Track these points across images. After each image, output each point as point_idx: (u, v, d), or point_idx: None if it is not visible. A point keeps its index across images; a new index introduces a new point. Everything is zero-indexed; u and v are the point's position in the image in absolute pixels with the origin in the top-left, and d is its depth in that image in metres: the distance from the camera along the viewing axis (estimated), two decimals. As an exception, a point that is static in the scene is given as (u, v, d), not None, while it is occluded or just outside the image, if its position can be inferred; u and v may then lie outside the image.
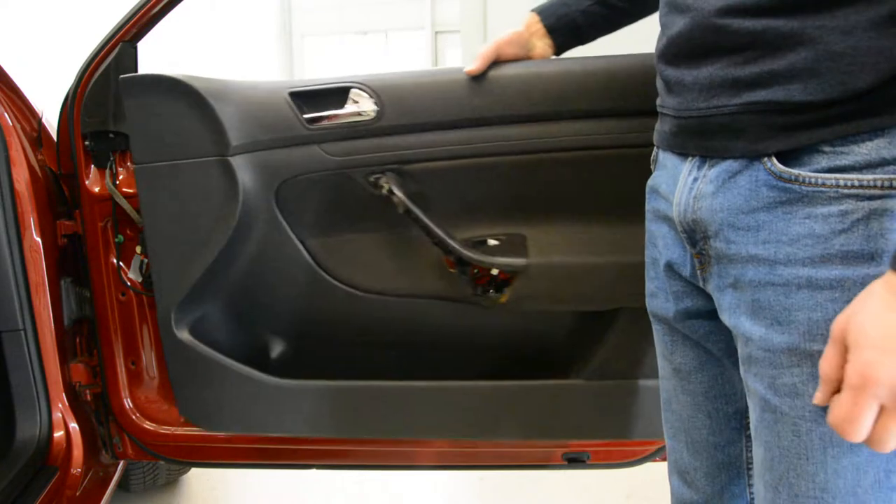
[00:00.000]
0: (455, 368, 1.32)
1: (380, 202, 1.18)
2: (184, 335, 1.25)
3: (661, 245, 0.83)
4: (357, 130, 1.17)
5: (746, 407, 0.85)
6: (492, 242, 1.23)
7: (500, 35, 1.18)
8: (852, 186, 0.62)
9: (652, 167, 0.87)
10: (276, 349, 1.37)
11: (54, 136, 1.35)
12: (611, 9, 1.10)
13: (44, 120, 1.41)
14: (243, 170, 1.18)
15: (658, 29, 0.79)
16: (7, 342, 1.32)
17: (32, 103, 1.41)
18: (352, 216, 1.25)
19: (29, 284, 1.31)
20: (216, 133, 1.15)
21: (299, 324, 1.34)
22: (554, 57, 1.18)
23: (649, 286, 0.90)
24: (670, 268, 0.82)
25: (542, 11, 1.15)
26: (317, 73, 13.30)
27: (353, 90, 1.17)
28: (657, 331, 0.91)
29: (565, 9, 1.13)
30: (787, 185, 0.65)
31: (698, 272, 0.77)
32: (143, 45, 1.32)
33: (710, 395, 0.87)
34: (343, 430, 1.32)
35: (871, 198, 0.61)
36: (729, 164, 0.70)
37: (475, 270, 1.23)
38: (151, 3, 1.23)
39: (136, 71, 1.30)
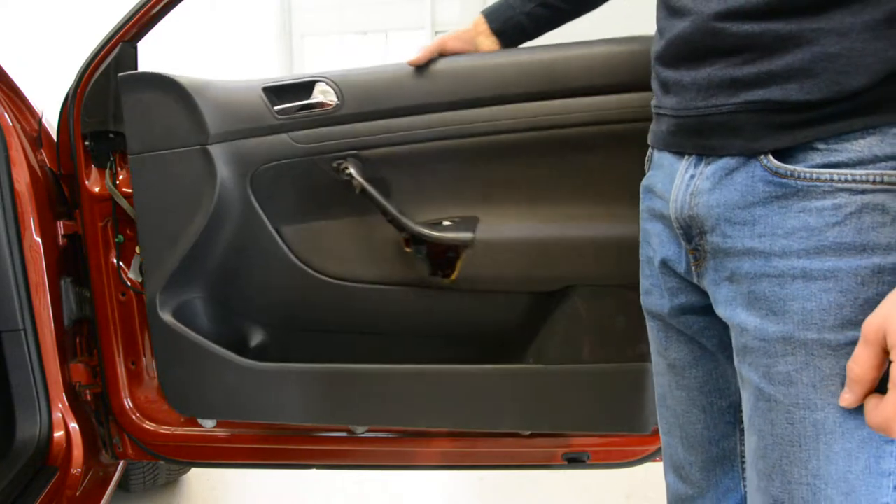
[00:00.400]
0: (426, 353, 1.37)
1: (344, 187, 1.25)
2: (167, 318, 1.30)
3: (655, 243, 0.85)
4: (320, 119, 1.26)
5: (740, 401, 0.86)
6: (446, 223, 1.29)
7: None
8: (846, 181, 0.64)
9: (646, 168, 0.89)
10: (256, 334, 1.43)
11: (54, 136, 1.35)
12: (553, 10, 1.18)
13: (44, 120, 1.41)
14: (220, 159, 1.25)
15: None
16: (7, 342, 1.32)
17: (32, 103, 1.41)
18: (321, 202, 1.31)
19: (29, 284, 1.31)
20: (197, 123, 1.23)
21: (277, 310, 1.39)
22: None
23: (644, 283, 0.91)
24: (665, 265, 0.84)
25: (488, 14, 1.23)
26: (317, 72, 13.24)
27: (318, 84, 1.26)
28: (651, 328, 0.92)
29: (511, 11, 1.20)
30: (783, 181, 0.67)
31: (693, 268, 0.79)
32: (143, 45, 1.32)
33: (705, 389, 0.88)
34: (324, 416, 1.36)
35: (863, 192, 0.63)
36: (726, 162, 0.71)
37: (429, 250, 1.29)
38: (151, 3, 1.23)
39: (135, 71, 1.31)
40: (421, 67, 1.24)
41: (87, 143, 1.31)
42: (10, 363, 1.33)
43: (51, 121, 1.40)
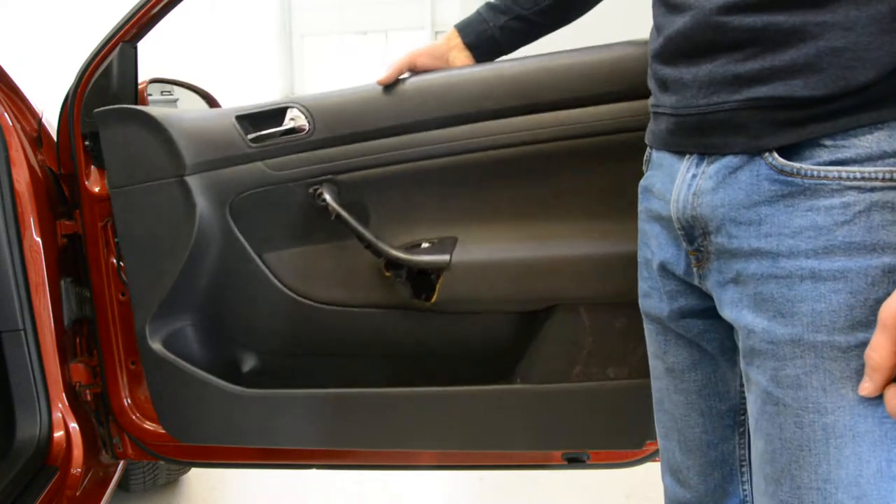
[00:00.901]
0: (415, 374, 1.36)
1: (322, 213, 1.25)
2: (157, 347, 1.30)
3: (654, 245, 0.84)
4: (293, 145, 1.25)
5: (739, 404, 0.86)
6: (424, 245, 1.28)
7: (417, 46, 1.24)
8: (854, 179, 0.63)
9: (644, 168, 0.87)
10: (248, 360, 1.42)
11: (54, 136, 1.35)
12: (528, 23, 1.16)
13: (44, 120, 1.41)
14: (198, 189, 1.26)
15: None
16: (7, 342, 1.32)
17: (32, 103, 1.41)
18: (301, 228, 1.31)
19: (29, 284, 1.31)
20: (174, 155, 1.24)
21: (265, 336, 1.38)
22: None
23: (642, 286, 0.90)
24: (664, 267, 0.83)
25: (462, 29, 1.20)
26: (317, 73, 13.29)
27: (289, 110, 1.26)
28: (650, 330, 0.91)
29: (484, 26, 1.18)
30: (789, 179, 0.66)
31: (694, 269, 0.78)
32: (143, 45, 1.32)
33: (704, 393, 0.87)
34: (317, 440, 1.36)
35: (872, 190, 0.62)
36: (729, 160, 0.70)
37: (409, 273, 1.28)
38: (151, 3, 1.23)
39: (136, 71, 1.31)
40: (391, 87, 1.22)
41: (87, 143, 1.31)
42: (10, 363, 1.33)
43: (51, 121, 1.40)
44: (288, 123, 1.26)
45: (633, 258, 0.91)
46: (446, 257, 1.23)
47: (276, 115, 1.26)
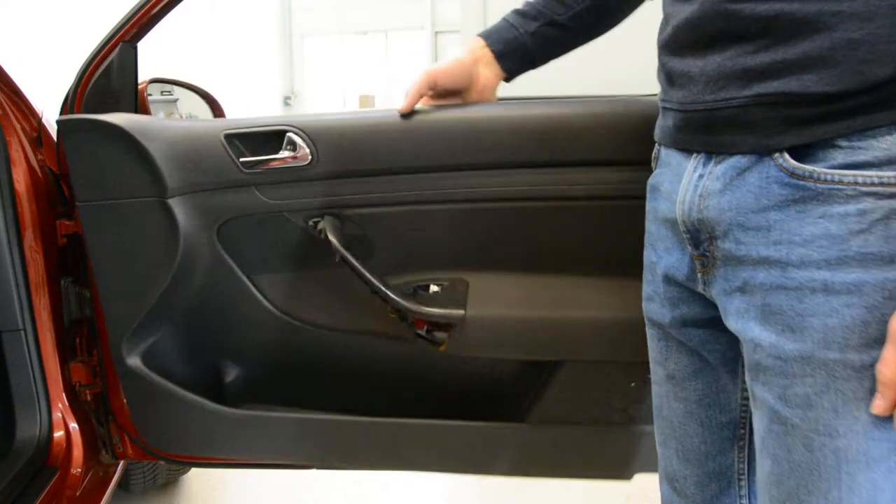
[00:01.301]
0: (403, 403, 1.33)
1: (321, 245, 1.17)
2: (135, 363, 1.26)
3: (660, 248, 0.80)
4: (293, 175, 1.16)
5: (740, 417, 0.83)
6: (433, 288, 1.22)
7: (438, 64, 1.11)
8: (871, 184, 0.58)
9: (653, 165, 0.84)
10: (231, 375, 1.39)
11: (54, 136, 1.34)
12: (562, 30, 1.05)
13: (44, 120, 1.41)
14: (182, 211, 1.18)
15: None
16: (7, 342, 1.32)
17: (32, 103, 1.41)
18: (295, 256, 1.24)
19: (29, 284, 1.31)
20: (153, 175, 1.16)
21: (252, 354, 1.34)
22: (504, 83, 1.13)
23: (646, 289, 0.86)
24: (667, 273, 0.79)
25: (488, 36, 1.08)
26: (317, 73, 13.29)
27: (288, 135, 1.15)
28: (651, 335, 0.88)
29: (513, 33, 1.06)
30: (801, 183, 0.62)
31: (699, 275, 0.74)
32: (143, 46, 1.32)
33: (704, 403, 0.84)
34: (301, 459, 1.34)
35: (891, 196, 0.58)
36: (737, 160, 0.66)
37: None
38: (151, 3, 1.23)
39: (136, 71, 1.30)
40: (409, 119, 1.11)
41: (87, 143, 1.31)
42: (10, 363, 1.33)
43: (51, 121, 1.39)
44: (286, 151, 1.16)
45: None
46: (461, 312, 1.17)
47: (272, 138, 1.16)
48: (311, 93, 13.48)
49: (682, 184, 0.73)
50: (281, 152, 1.15)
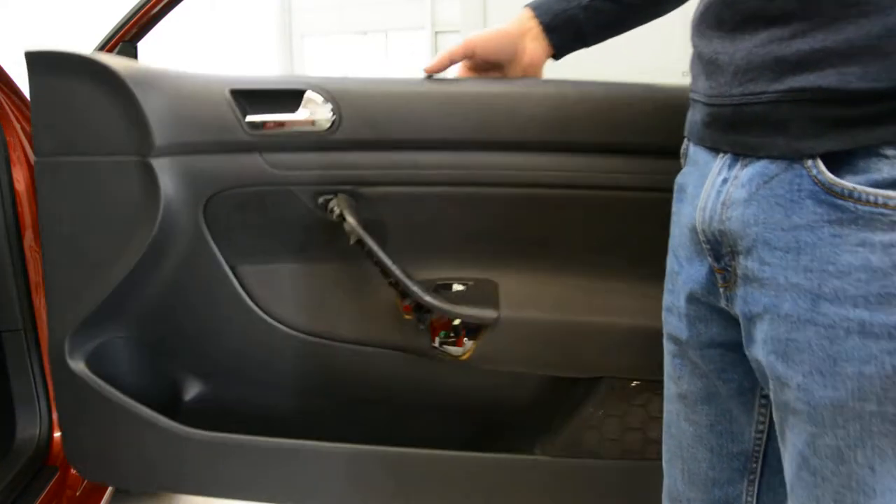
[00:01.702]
0: (404, 428, 1.16)
1: (329, 228, 1.02)
2: (78, 366, 1.07)
3: (682, 255, 0.71)
4: (308, 141, 0.99)
5: (753, 450, 0.76)
6: (457, 288, 1.06)
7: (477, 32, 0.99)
8: None
9: (682, 161, 0.75)
10: (192, 388, 1.19)
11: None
12: (618, 5, 0.94)
13: (44, 120, 1.41)
14: (167, 175, 1.00)
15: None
16: (7, 342, 1.32)
17: (32, 103, 1.41)
18: (294, 242, 1.07)
19: (29, 284, 1.31)
20: (138, 128, 0.97)
21: (221, 364, 1.15)
22: (552, 60, 1.03)
23: (666, 299, 0.77)
24: (687, 286, 0.71)
25: (537, 7, 0.98)
26: (317, 73, 13.28)
27: (308, 94, 0.99)
28: (667, 349, 0.80)
29: (563, 4, 0.96)
30: (839, 202, 0.52)
31: (721, 290, 0.65)
32: (143, 46, 1.32)
33: (716, 430, 0.75)
34: (279, 492, 1.13)
35: None
36: (765, 166, 0.57)
37: (433, 319, 1.07)
38: (151, 3, 1.23)
39: None
40: (445, 89, 0.98)
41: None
42: (10, 363, 1.33)
43: (51, 121, 1.39)
44: (304, 111, 0.98)
45: None
46: (493, 313, 1.03)
47: (287, 98, 1.00)
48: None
49: (705, 187, 0.64)
50: (296, 113, 0.99)
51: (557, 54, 1.01)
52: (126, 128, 0.98)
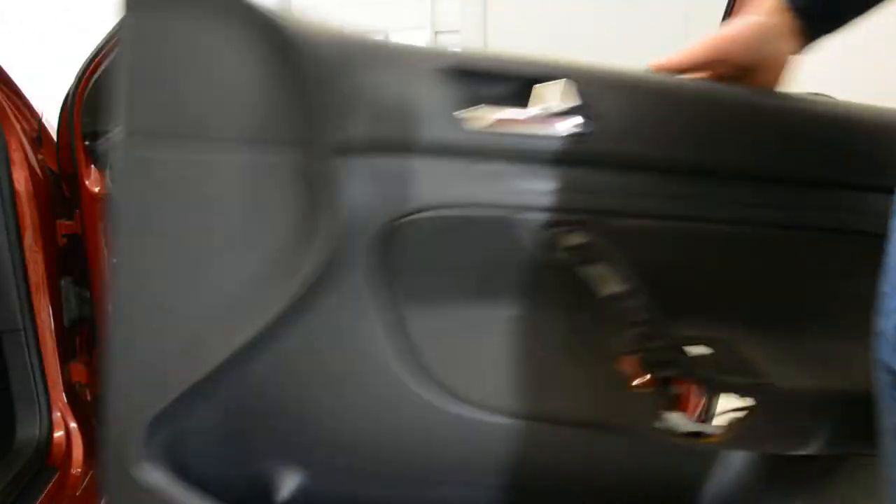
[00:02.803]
0: None
1: (552, 271, 0.72)
2: (153, 476, 0.66)
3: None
4: (545, 151, 0.68)
5: None
6: (695, 351, 0.78)
7: (700, 35, 0.73)
8: None
9: None
10: (286, 491, 0.79)
11: (54, 136, 1.35)
12: None
13: (44, 120, 1.41)
14: (350, 185, 0.64)
15: None
16: (7, 342, 1.32)
17: (32, 103, 1.41)
18: (495, 285, 0.74)
19: (29, 284, 1.31)
20: (309, 111, 0.63)
21: (361, 460, 0.78)
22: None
23: (877, 323, 0.59)
24: None
25: None
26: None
27: (547, 87, 0.68)
28: (881, 380, 0.59)
29: None
30: None
31: None
32: (143, 46, 1.31)
33: None
34: None
35: None
36: None
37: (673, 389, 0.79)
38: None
39: None
40: (746, 100, 0.73)
41: (87, 143, 1.31)
42: (10, 363, 1.32)
43: (51, 121, 1.39)
44: (538, 108, 0.68)
45: None
46: (767, 381, 0.77)
47: (512, 82, 0.69)
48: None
49: None
50: (529, 110, 0.68)
51: (807, 44, 0.75)
52: (288, 109, 0.63)
